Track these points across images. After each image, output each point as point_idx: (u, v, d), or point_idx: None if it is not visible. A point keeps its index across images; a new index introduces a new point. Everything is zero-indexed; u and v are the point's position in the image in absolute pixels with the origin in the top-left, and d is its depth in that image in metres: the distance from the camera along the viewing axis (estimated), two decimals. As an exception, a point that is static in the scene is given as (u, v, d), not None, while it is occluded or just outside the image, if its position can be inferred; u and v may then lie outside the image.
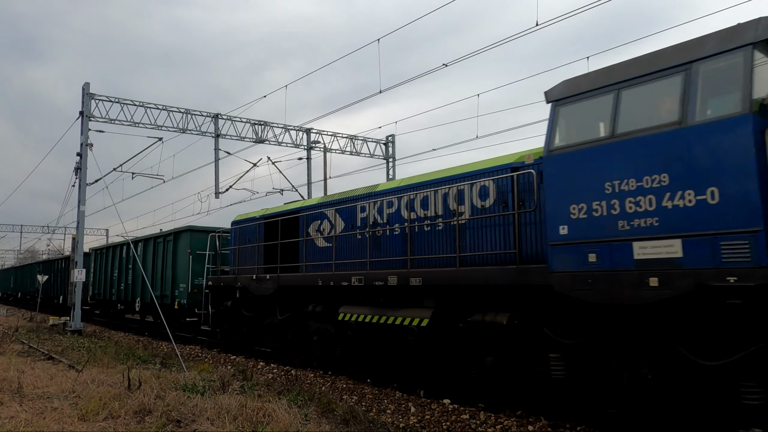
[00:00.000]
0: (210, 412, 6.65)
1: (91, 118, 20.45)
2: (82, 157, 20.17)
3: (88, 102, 20.46)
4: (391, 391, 9.42)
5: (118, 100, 21.12)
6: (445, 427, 7.41)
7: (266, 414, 6.53)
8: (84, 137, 20.18)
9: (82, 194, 20.20)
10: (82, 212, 20.27)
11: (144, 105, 21.58)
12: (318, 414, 7.06)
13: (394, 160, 27.65)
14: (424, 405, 8.41)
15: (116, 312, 25.73)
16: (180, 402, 7.22)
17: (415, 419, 7.76)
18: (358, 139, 26.90)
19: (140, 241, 22.47)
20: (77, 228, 20.55)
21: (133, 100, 21.34)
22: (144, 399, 7.25)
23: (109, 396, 7.45)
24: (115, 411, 6.82)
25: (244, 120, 23.68)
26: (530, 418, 7.45)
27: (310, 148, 25.62)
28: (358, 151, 26.91)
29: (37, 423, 6.32)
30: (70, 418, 6.55)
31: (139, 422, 6.47)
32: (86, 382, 8.58)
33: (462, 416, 7.75)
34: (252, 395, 7.76)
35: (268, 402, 7.12)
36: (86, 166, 20.17)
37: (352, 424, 6.63)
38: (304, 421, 6.54)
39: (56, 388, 8.28)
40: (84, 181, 20.25)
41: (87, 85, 20.58)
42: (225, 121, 23.18)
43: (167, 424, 6.30)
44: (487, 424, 7.38)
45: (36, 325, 22.63)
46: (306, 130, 25.56)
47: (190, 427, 6.22)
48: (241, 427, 6.14)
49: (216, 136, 22.91)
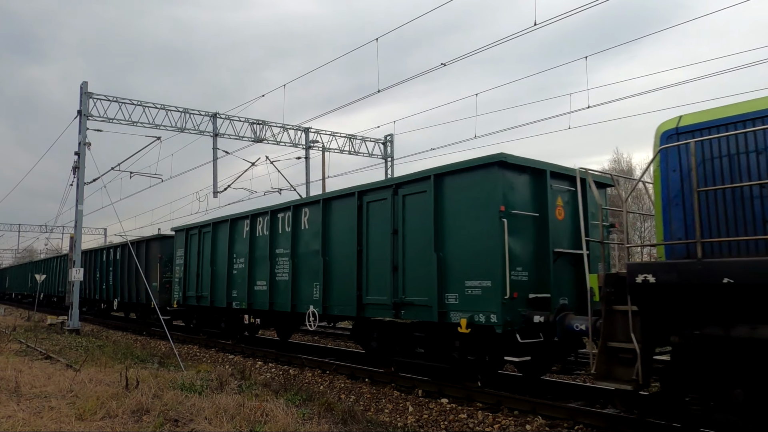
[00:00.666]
0: (208, 412, 6.65)
1: (89, 118, 20.43)
2: (80, 156, 20.14)
3: (86, 101, 20.43)
4: (389, 391, 9.42)
5: (116, 99, 21.10)
6: (443, 426, 7.42)
7: (264, 413, 6.52)
8: (82, 136, 20.16)
9: (80, 193, 20.18)
10: (80, 211, 20.25)
11: (142, 104, 21.56)
12: (316, 413, 7.05)
13: (392, 159, 27.67)
14: (422, 404, 8.41)
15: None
16: (178, 401, 7.21)
17: (413, 418, 7.77)
18: (356, 139, 26.91)
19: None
20: (75, 227, 20.52)
21: (131, 99, 21.35)
22: (141, 398, 7.24)
23: (107, 395, 7.44)
24: (113, 410, 6.81)
25: (243, 119, 23.67)
26: (528, 417, 7.45)
27: (309, 147, 25.62)
28: (356, 151, 26.92)
29: (34, 422, 6.31)
30: (67, 418, 6.54)
31: (136, 421, 6.46)
32: (84, 382, 8.57)
33: (460, 415, 7.75)
34: (250, 394, 7.76)
35: (265, 401, 7.12)
36: (84, 166, 20.15)
37: (350, 423, 6.63)
38: (302, 420, 6.53)
39: (54, 388, 8.27)
40: (82, 180, 20.22)
41: (85, 84, 20.55)
42: (223, 120, 23.18)
43: (165, 424, 6.29)
44: (485, 423, 7.38)
45: (34, 324, 22.59)
46: (304, 130, 25.55)
47: (187, 426, 6.21)
48: (239, 427, 6.14)
49: (214, 136, 22.89)
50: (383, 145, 27.66)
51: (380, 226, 10.08)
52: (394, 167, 27.48)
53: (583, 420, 7.07)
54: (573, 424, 7.08)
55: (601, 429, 6.85)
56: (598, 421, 6.92)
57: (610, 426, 6.78)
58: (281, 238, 12.93)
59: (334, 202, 11.34)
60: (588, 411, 7.21)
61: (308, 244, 12.01)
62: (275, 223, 13.19)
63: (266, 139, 24.24)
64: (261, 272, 13.56)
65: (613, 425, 6.76)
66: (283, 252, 12.80)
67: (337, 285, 11.06)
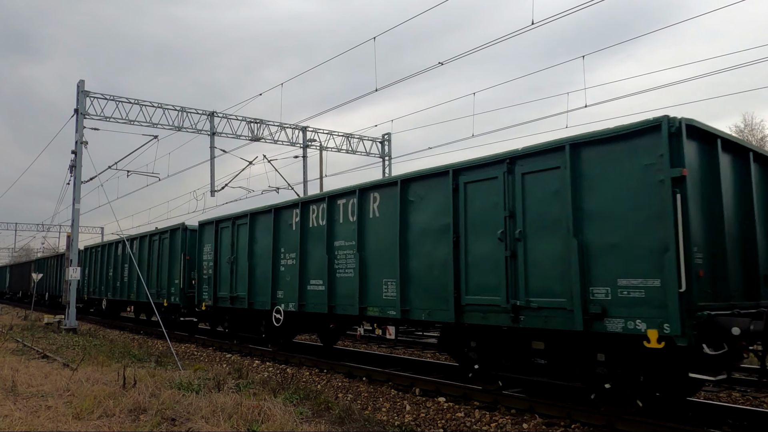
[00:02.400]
0: (205, 411, 6.65)
1: (86, 116, 20.39)
2: (77, 154, 20.10)
3: (83, 99, 20.39)
4: (387, 389, 9.43)
5: (113, 98, 21.07)
6: (440, 425, 7.43)
7: (261, 412, 6.52)
8: (79, 135, 20.12)
9: (77, 192, 20.14)
10: (77, 210, 20.21)
11: (139, 103, 21.53)
12: (313, 412, 7.06)
13: (390, 158, 27.68)
14: (420, 403, 8.42)
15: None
16: (175, 400, 7.21)
17: (410, 417, 7.78)
18: (354, 138, 26.91)
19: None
20: (72, 226, 20.49)
21: (128, 97, 21.31)
22: (139, 397, 7.24)
23: (104, 394, 7.43)
24: (110, 409, 6.81)
25: (240, 118, 23.65)
26: (525, 416, 7.47)
27: (306, 146, 25.61)
28: (354, 150, 26.92)
29: (31, 421, 6.30)
30: (64, 417, 6.53)
31: (133, 421, 6.46)
32: (81, 381, 8.56)
33: (457, 414, 7.76)
34: (247, 394, 7.76)
35: (263, 400, 7.12)
36: (81, 164, 20.11)
37: (347, 422, 6.64)
38: (299, 419, 6.53)
39: (51, 387, 8.25)
40: (79, 179, 20.18)
41: (82, 83, 20.51)
42: (221, 119, 23.15)
43: (162, 423, 6.29)
44: (482, 422, 7.40)
45: (30, 323, 22.55)
46: (302, 128, 25.54)
47: (184, 425, 6.21)
48: (237, 426, 6.14)
49: (212, 134, 22.86)
50: (381, 143, 27.67)
51: (486, 211, 8.14)
52: (392, 166, 27.53)
53: (579, 418, 7.09)
54: (570, 422, 7.10)
55: (597, 428, 6.87)
56: (595, 420, 6.94)
57: (607, 425, 6.80)
58: (342, 228, 10.90)
59: (417, 184, 9.36)
60: (584, 410, 7.22)
61: (379, 235, 10.03)
62: (334, 211, 11.17)
63: (263, 137, 24.23)
64: (315, 269, 11.59)
65: (609, 424, 6.78)
66: (345, 245, 10.77)
67: (421, 283, 9.08)
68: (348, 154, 26.94)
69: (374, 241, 10.16)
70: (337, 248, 10.99)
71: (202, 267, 16.05)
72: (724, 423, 7.03)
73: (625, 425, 6.65)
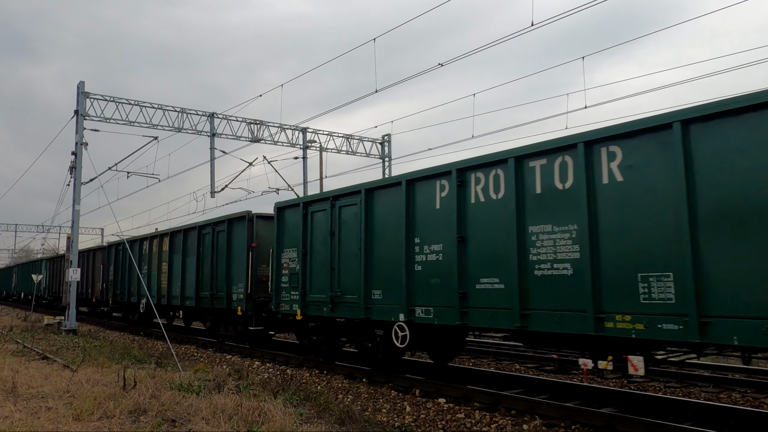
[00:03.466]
0: (205, 412, 6.65)
1: (86, 117, 20.39)
2: (77, 156, 20.10)
3: (83, 101, 20.40)
4: (387, 390, 9.43)
5: (113, 99, 21.07)
6: (440, 426, 7.43)
7: (262, 413, 6.53)
8: (79, 136, 20.12)
9: (77, 193, 20.13)
10: (77, 211, 20.20)
11: (139, 104, 21.54)
12: (314, 413, 7.06)
13: (390, 159, 27.69)
14: (420, 404, 8.42)
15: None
16: (175, 401, 7.21)
17: (410, 418, 7.78)
18: (354, 139, 26.93)
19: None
20: (72, 227, 20.49)
21: (128, 98, 21.31)
22: (139, 398, 7.24)
23: (104, 396, 7.43)
24: (110, 411, 6.81)
25: (240, 119, 23.66)
26: (525, 417, 7.47)
27: (306, 147, 25.62)
28: (354, 151, 26.93)
29: (31, 423, 6.30)
30: (64, 418, 6.54)
31: (133, 422, 6.46)
32: (81, 382, 8.56)
33: (457, 415, 7.76)
34: (247, 395, 7.76)
35: (263, 401, 7.12)
36: (81, 165, 20.10)
37: (347, 423, 6.64)
38: (299, 420, 6.54)
39: (51, 388, 8.25)
40: (79, 180, 20.18)
41: (82, 84, 20.51)
42: (221, 120, 23.16)
43: (162, 424, 6.30)
44: (482, 423, 7.40)
45: (30, 324, 22.54)
46: (302, 130, 25.55)
47: (185, 426, 6.21)
48: (237, 427, 6.14)
49: (212, 135, 22.87)
50: (381, 144, 27.68)
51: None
52: (392, 167, 27.54)
53: (580, 419, 7.09)
54: (570, 423, 7.11)
55: (597, 429, 6.87)
56: (595, 421, 6.94)
57: (607, 425, 6.80)
58: (544, 201, 7.30)
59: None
60: (585, 410, 7.22)
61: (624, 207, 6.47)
62: (523, 177, 7.59)
63: (263, 139, 24.24)
64: (491, 263, 7.96)
65: (609, 424, 6.78)
66: (555, 228, 7.13)
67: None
68: (348, 155, 26.97)
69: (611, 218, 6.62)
70: (532, 233, 7.42)
71: (281, 263, 12.37)
72: (724, 424, 7.03)
73: (626, 425, 6.65)
